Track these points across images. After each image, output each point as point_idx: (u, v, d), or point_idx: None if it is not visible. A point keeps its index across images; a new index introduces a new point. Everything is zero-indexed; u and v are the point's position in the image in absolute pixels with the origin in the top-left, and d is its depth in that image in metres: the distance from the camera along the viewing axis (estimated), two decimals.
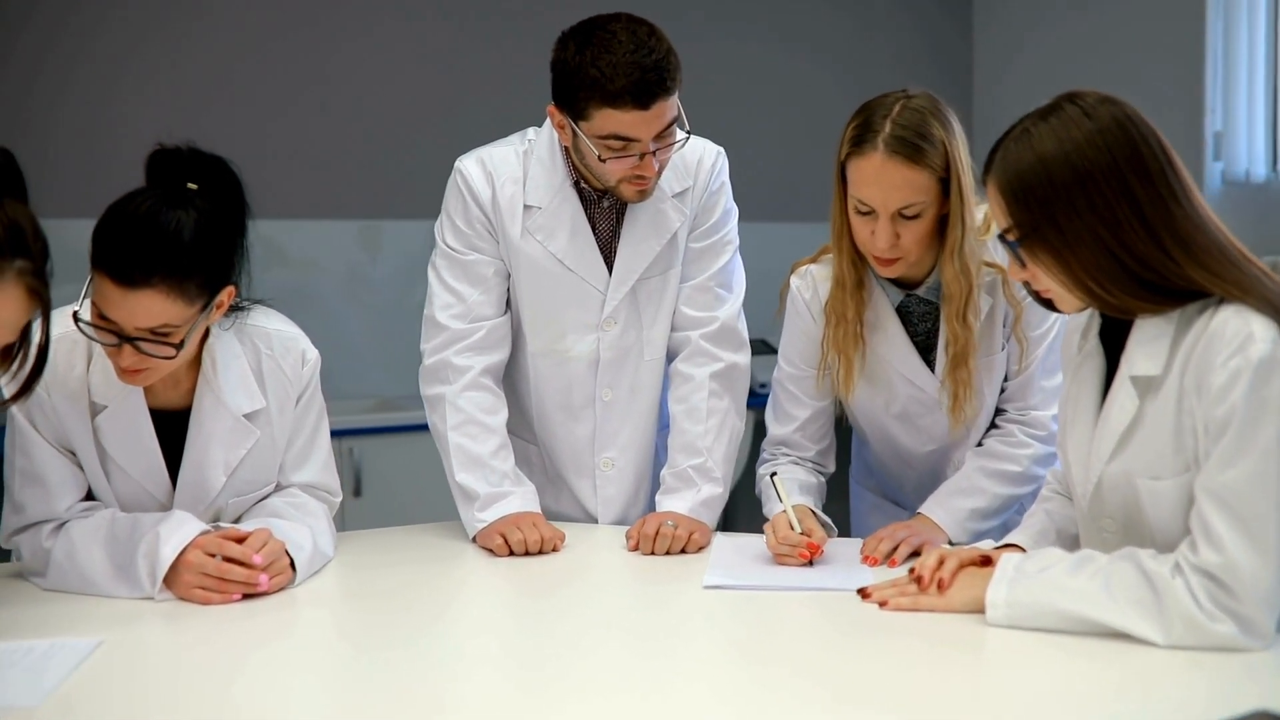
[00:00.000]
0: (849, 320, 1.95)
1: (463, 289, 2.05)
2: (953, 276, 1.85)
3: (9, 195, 1.51)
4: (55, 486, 1.76)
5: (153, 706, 1.31)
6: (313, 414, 1.94)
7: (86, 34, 3.76)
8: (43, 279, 1.48)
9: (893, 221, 1.80)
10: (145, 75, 3.81)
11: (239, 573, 1.66)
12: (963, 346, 1.88)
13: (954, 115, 1.84)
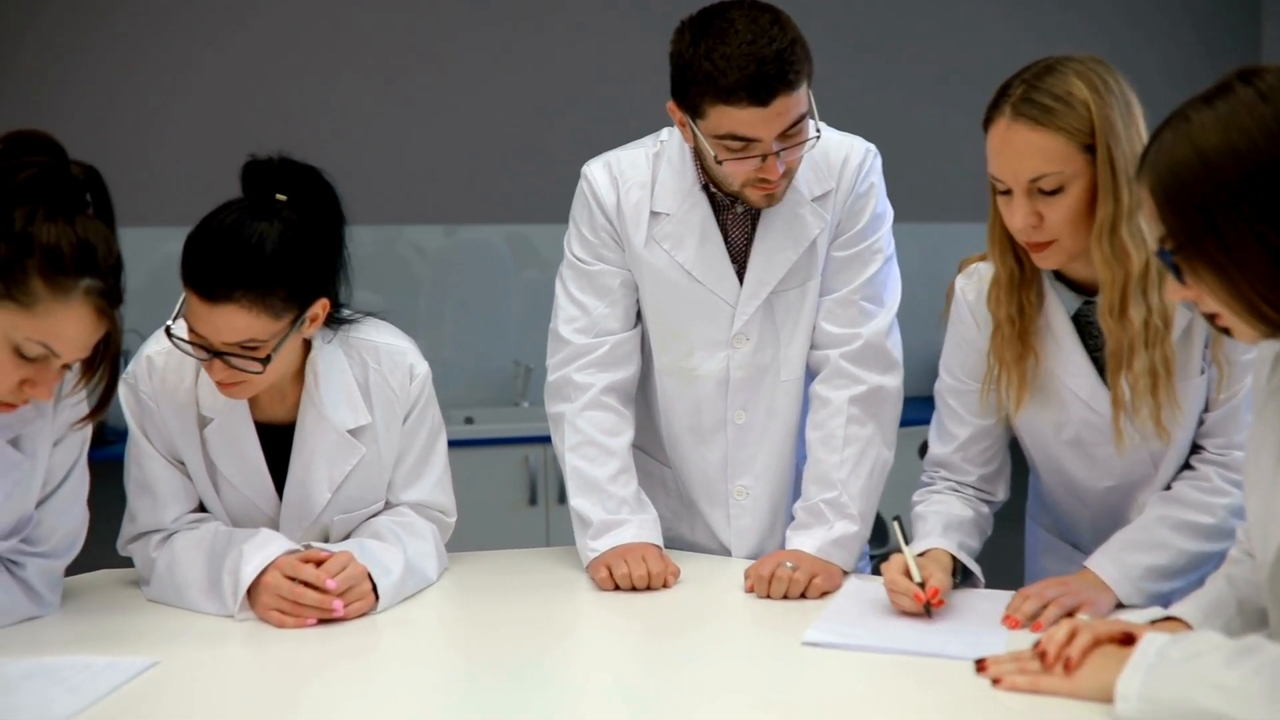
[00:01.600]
0: (1012, 323, 1.69)
1: (588, 301, 1.93)
2: (1103, 262, 1.56)
3: (96, 211, 1.52)
4: (164, 497, 1.77)
5: None
6: (424, 431, 1.87)
7: (174, 42, 3.89)
8: (112, 298, 1.47)
9: (1030, 197, 1.55)
10: (240, 81, 3.91)
11: (312, 597, 1.61)
12: (1119, 348, 1.59)
13: (1125, 80, 1.56)
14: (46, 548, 1.65)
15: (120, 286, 1.49)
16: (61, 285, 1.42)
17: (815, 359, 1.91)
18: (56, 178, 1.46)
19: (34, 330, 1.42)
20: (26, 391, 1.46)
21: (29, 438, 1.59)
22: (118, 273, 1.49)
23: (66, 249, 1.43)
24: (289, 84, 3.98)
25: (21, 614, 1.63)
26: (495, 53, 4.10)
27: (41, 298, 1.42)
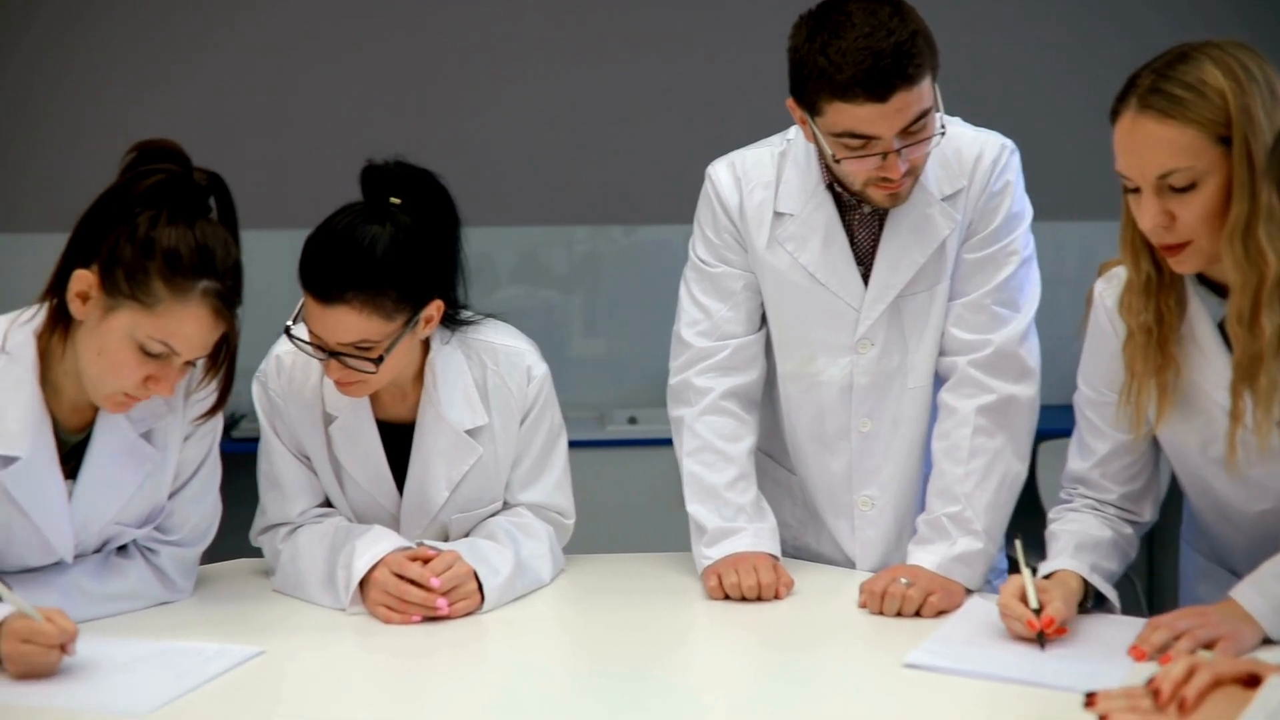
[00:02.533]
0: (1149, 332, 1.56)
1: (710, 304, 1.90)
2: (1234, 265, 1.42)
3: (220, 215, 1.59)
4: (291, 491, 1.83)
5: None
6: (542, 432, 1.88)
7: (302, 46, 3.99)
8: (229, 299, 1.53)
9: (1159, 195, 1.43)
10: (373, 84, 3.99)
11: (416, 594, 1.63)
12: (1245, 358, 1.45)
13: (1272, 68, 1.42)
14: (179, 537, 1.73)
15: (238, 288, 1.56)
16: (180, 286, 1.49)
17: (944, 366, 1.83)
18: (180, 184, 1.53)
19: (155, 329, 1.49)
20: (150, 387, 1.53)
21: (160, 432, 1.67)
22: (236, 275, 1.55)
23: (185, 252, 1.49)
24: (437, 85, 4.08)
25: (154, 598, 1.71)
26: (645, 49, 4.10)
27: (162, 298, 1.49)
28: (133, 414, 1.63)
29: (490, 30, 4.11)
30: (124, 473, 1.63)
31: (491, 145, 4.10)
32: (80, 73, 4.07)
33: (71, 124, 4.02)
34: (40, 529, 1.58)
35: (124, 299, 1.49)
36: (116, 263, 1.49)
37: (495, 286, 4.21)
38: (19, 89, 4.07)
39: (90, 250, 1.51)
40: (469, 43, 4.11)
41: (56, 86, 4.07)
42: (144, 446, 1.65)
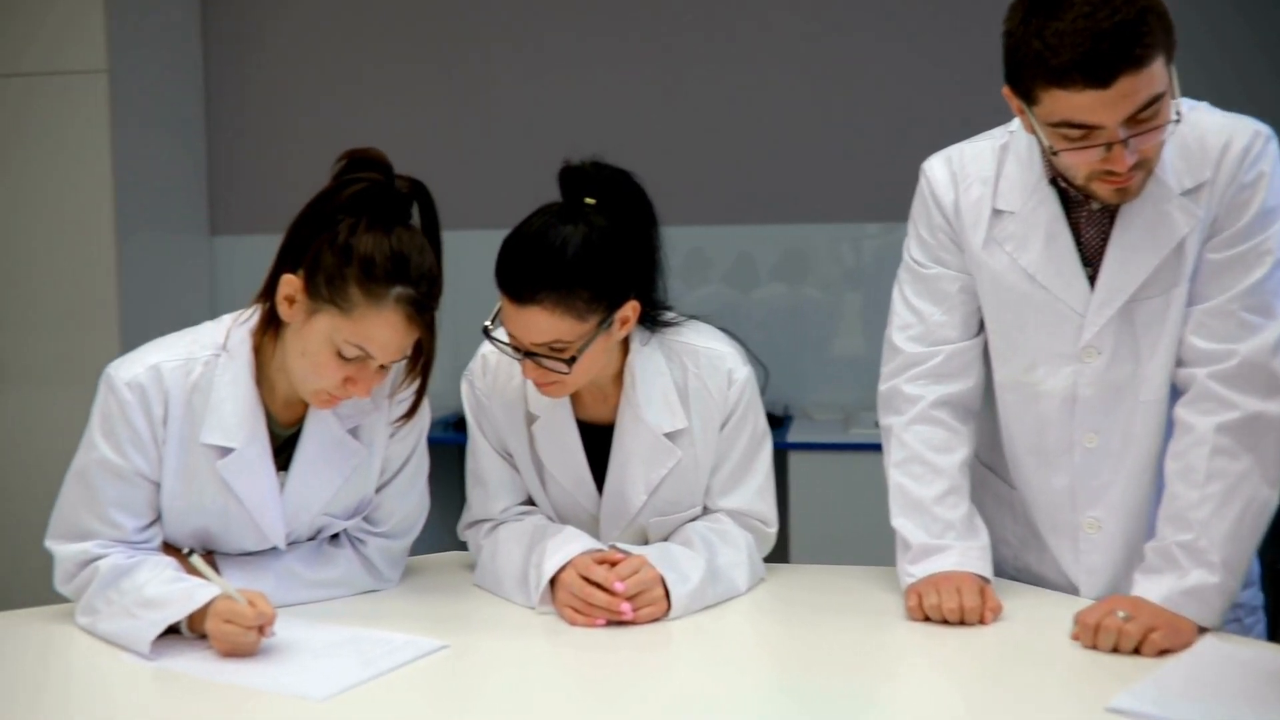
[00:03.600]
0: None
1: (923, 307, 1.79)
2: None
3: (422, 221, 1.63)
4: (494, 489, 1.86)
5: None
6: (744, 437, 1.83)
7: (507, 53, 4.04)
8: (421, 305, 1.56)
9: None
10: (578, 85, 4.00)
11: (601, 598, 1.62)
12: None
13: None
14: (386, 529, 1.80)
15: (433, 294, 1.59)
16: (374, 292, 1.54)
17: (1181, 378, 1.65)
18: (382, 192, 1.58)
19: (351, 333, 1.55)
20: (348, 389, 1.59)
21: (367, 428, 1.74)
22: (431, 281, 1.58)
23: (380, 259, 1.54)
24: (632, 87, 4.11)
25: (361, 586, 1.78)
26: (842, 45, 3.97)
27: (358, 303, 1.54)
28: (341, 410, 1.70)
29: (715, 24, 4.10)
30: (332, 466, 1.71)
31: (747, 143, 4.09)
32: (299, 78, 4.35)
33: (294, 128, 4.31)
34: (254, 516, 1.67)
35: (324, 303, 1.55)
36: (318, 268, 1.56)
37: (757, 284, 4.20)
38: (247, 94, 4.39)
39: (297, 255, 1.58)
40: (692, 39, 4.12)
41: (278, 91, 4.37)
42: (351, 442, 1.72)
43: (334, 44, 4.36)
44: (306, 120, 4.31)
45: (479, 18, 4.25)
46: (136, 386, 1.61)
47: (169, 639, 1.52)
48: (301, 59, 4.38)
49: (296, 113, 4.35)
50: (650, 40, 4.21)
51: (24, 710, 1.34)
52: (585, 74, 4.22)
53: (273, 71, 4.40)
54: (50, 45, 3.92)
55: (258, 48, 4.40)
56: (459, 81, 4.27)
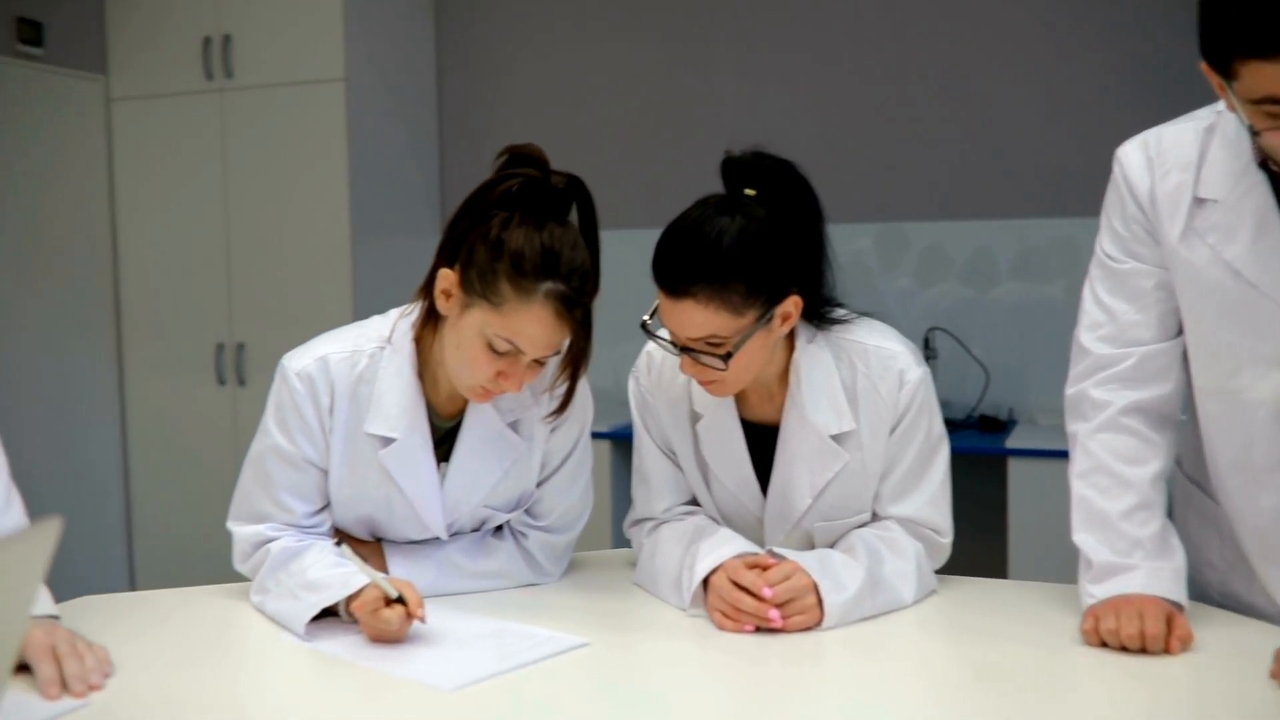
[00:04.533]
0: None
1: (1115, 306, 1.65)
2: None
3: (580, 217, 1.63)
4: (656, 487, 1.84)
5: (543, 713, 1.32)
6: (916, 442, 1.74)
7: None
8: (573, 301, 1.55)
9: None
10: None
11: (749, 603, 1.57)
12: None
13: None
14: (547, 523, 1.80)
15: (585, 290, 1.58)
16: (524, 287, 1.54)
17: None
18: (536, 188, 1.58)
19: (502, 328, 1.56)
20: (500, 383, 1.60)
21: (527, 422, 1.74)
22: (583, 277, 1.57)
23: (531, 254, 1.54)
24: (844, 80, 4.01)
25: (522, 579, 1.79)
26: None
27: (508, 298, 1.54)
28: (501, 404, 1.71)
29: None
30: (491, 459, 1.72)
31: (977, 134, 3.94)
32: (529, 84, 4.43)
33: (522, 132, 4.38)
34: (414, 506, 1.70)
35: (477, 298, 1.57)
36: (472, 263, 1.57)
37: (995, 281, 4.03)
38: (478, 100, 4.51)
39: (454, 250, 1.60)
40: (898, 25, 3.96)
41: (508, 97, 4.47)
42: (510, 435, 1.73)
43: (564, 50, 4.46)
44: (535, 124, 4.42)
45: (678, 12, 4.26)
46: (305, 377, 1.67)
47: (326, 621, 1.57)
48: (532, 65, 4.50)
49: (525, 117, 4.47)
50: (851, 29, 4.10)
51: (192, 677, 1.41)
52: (799, 71, 4.15)
53: (503, 78, 4.54)
54: (292, 57, 4.17)
55: (489, 55, 4.55)
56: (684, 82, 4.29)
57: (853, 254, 4.10)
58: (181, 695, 1.36)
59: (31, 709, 1.30)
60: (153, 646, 1.53)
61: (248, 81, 4.23)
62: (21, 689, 1.35)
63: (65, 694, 1.33)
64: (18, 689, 1.35)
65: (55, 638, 1.39)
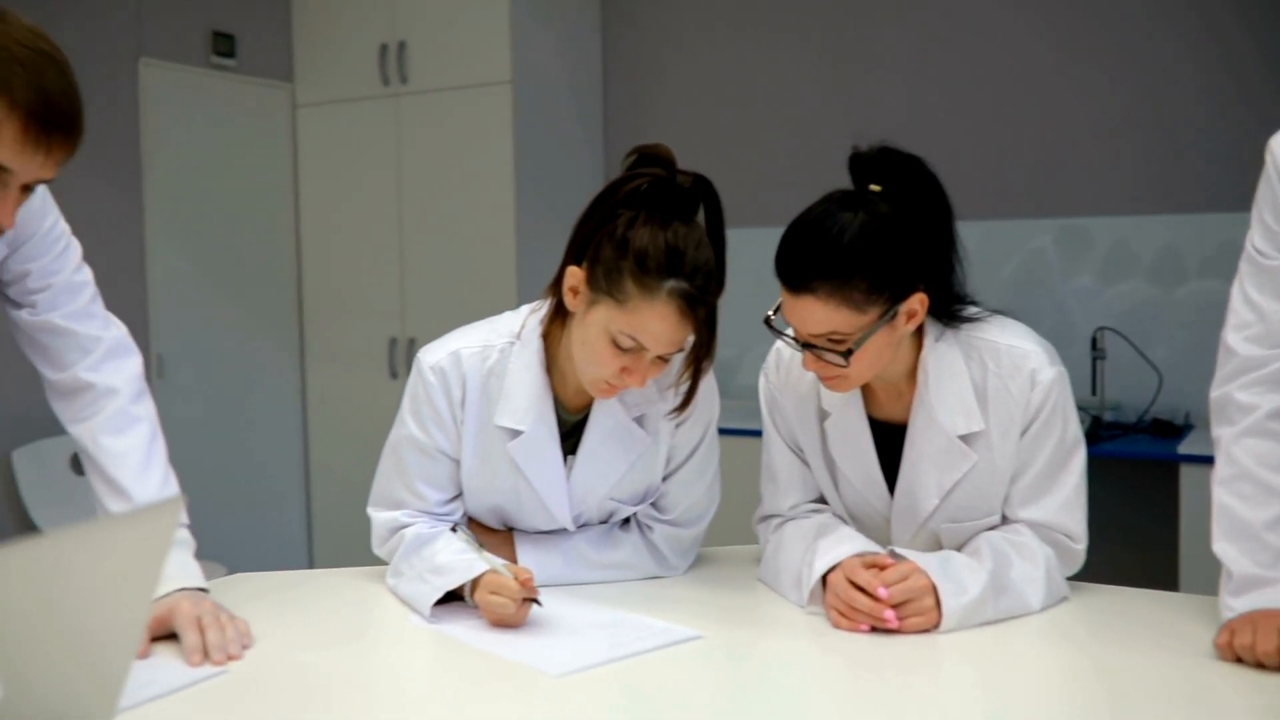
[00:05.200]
0: None
1: (1264, 304, 1.57)
2: None
3: (707, 216, 1.65)
4: (784, 484, 1.84)
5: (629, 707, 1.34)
6: (1048, 445, 1.69)
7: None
8: (696, 299, 1.58)
9: None
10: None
11: (864, 602, 1.56)
12: None
13: None
14: (673, 516, 1.83)
15: (708, 288, 1.60)
16: (648, 285, 1.57)
17: None
18: (662, 188, 1.61)
19: (625, 324, 1.59)
20: (625, 378, 1.63)
21: (652, 417, 1.77)
22: (706, 275, 1.59)
23: (654, 252, 1.57)
24: (999, 78, 3.80)
25: (647, 571, 1.82)
26: None
27: (632, 295, 1.58)
28: (626, 399, 1.75)
29: None
30: (617, 452, 1.76)
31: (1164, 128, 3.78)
32: (695, 86, 4.43)
33: (688, 132, 4.40)
34: (541, 497, 1.75)
35: (602, 294, 1.60)
36: (598, 261, 1.61)
37: (1183, 280, 3.86)
38: (643, 99, 4.54)
39: (582, 248, 1.65)
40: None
41: (673, 97, 4.48)
42: (635, 430, 1.76)
43: (727, 50, 4.47)
44: (700, 123, 4.45)
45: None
46: (438, 370, 1.74)
47: (452, 605, 1.63)
48: (696, 64, 4.53)
49: (690, 117, 4.50)
50: (1020, 21, 3.97)
51: (323, 652, 1.49)
52: (966, 68, 4.05)
53: (668, 77, 4.58)
54: (462, 61, 4.31)
55: (654, 55, 4.60)
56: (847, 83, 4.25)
57: (1032, 251, 3.99)
58: (311, 668, 1.44)
59: (175, 673, 1.40)
60: (293, 622, 1.62)
61: (421, 86, 4.39)
62: (168, 654, 1.46)
63: (206, 661, 1.43)
64: (165, 654, 1.46)
65: (201, 609, 1.49)
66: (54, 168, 1.35)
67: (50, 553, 0.95)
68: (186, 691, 1.35)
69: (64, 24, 3.88)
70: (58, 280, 1.63)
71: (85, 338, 1.63)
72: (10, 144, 1.29)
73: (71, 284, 1.64)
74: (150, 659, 1.45)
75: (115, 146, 4.07)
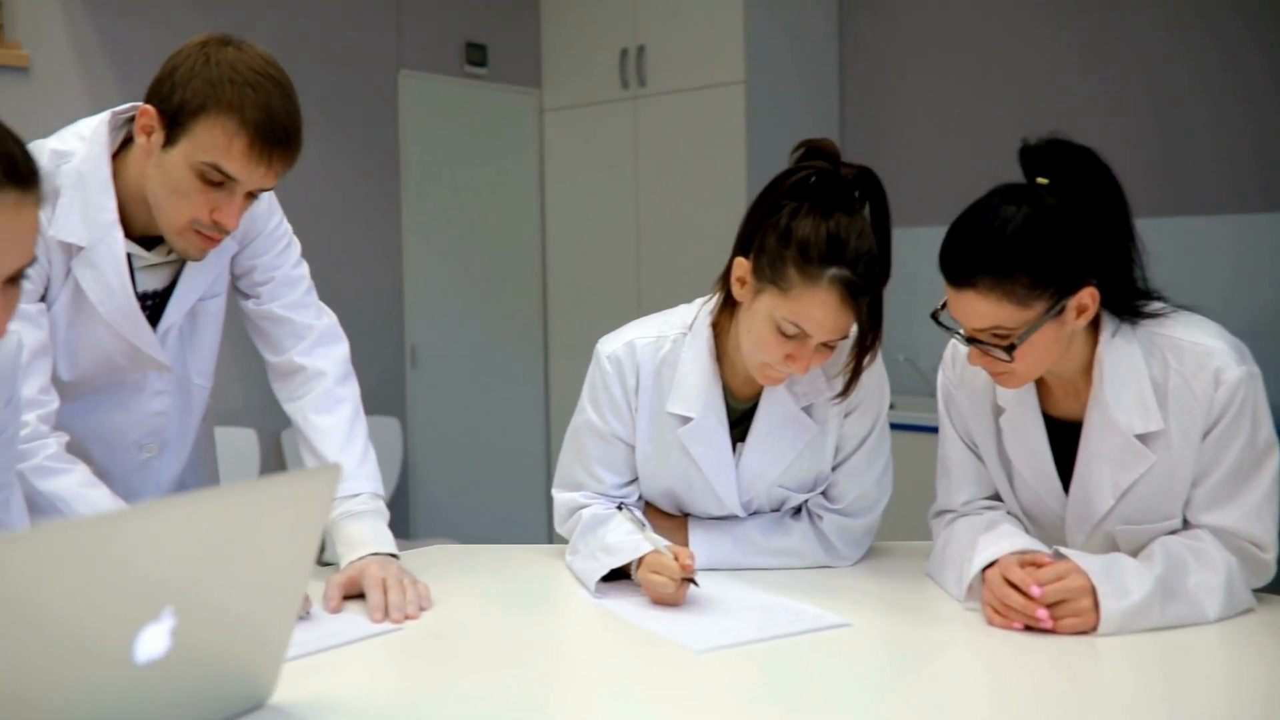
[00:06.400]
0: None
1: None
2: None
3: (872, 209, 1.68)
4: (958, 480, 1.82)
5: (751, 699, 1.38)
6: (1234, 448, 1.61)
7: None
8: (858, 287, 1.61)
9: None
10: None
11: (1017, 600, 1.53)
12: None
13: None
14: (842, 506, 1.85)
15: (871, 277, 1.62)
16: (810, 273, 1.61)
17: None
18: (826, 180, 1.64)
19: (789, 312, 1.63)
20: (789, 366, 1.67)
21: (820, 407, 1.80)
22: (868, 264, 1.62)
23: (816, 241, 1.61)
24: None
25: (815, 560, 1.85)
26: None
27: (795, 283, 1.62)
28: (795, 388, 1.79)
29: None
30: (785, 440, 1.80)
31: None
32: (935, 83, 4.33)
33: (929, 131, 4.31)
34: (710, 482, 1.81)
35: (767, 283, 1.65)
36: (763, 251, 1.66)
37: None
38: (881, 97, 4.47)
39: (749, 240, 1.70)
40: None
41: (913, 95, 4.39)
42: (803, 418, 1.79)
43: (967, 46, 4.38)
44: (939, 120, 4.38)
45: None
46: (614, 359, 1.83)
47: (620, 583, 1.72)
48: (935, 60, 4.46)
49: (932, 117, 4.44)
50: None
51: (494, 619, 1.61)
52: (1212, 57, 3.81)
53: (906, 75, 4.53)
54: (696, 63, 4.41)
55: (892, 51, 4.56)
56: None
57: (1238, 245, 3.74)
58: (480, 632, 1.56)
59: (357, 626, 1.55)
60: (473, 590, 1.75)
61: (658, 88, 4.53)
62: (355, 611, 1.61)
63: (386, 620, 1.57)
64: (353, 610, 1.61)
65: (387, 572, 1.64)
66: (274, 178, 1.53)
67: (219, 505, 1.09)
68: (363, 644, 1.50)
69: (331, 40, 4.24)
70: (279, 274, 1.82)
71: (300, 325, 1.82)
72: (239, 156, 1.48)
73: (291, 277, 1.83)
74: (340, 614, 1.60)
75: (376, 152, 4.41)
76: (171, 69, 1.52)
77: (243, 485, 1.11)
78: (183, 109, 1.50)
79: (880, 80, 4.58)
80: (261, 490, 1.15)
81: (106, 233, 1.59)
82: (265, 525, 1.14)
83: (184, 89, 1.49)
